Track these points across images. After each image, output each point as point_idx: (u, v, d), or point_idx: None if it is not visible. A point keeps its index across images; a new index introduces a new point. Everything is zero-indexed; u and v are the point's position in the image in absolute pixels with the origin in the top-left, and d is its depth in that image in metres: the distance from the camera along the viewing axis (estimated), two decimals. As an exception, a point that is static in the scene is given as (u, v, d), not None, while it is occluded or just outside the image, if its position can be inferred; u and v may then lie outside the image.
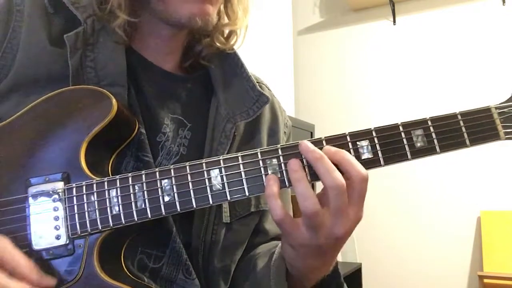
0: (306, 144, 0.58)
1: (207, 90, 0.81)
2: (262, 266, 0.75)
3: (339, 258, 2.93)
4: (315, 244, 0.58)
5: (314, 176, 0.58)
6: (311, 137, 0.74)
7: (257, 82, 0.81)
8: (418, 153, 0.59)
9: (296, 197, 0.57)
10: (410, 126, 0.60)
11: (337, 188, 0.55)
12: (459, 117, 0.60)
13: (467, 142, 0.59)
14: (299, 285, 0.69)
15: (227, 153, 0.73)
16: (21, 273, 0.56)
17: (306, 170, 0.58)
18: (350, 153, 0.59)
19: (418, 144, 0.59)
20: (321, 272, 0.67)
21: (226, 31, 0.82)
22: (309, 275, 0.67)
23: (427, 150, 0.59)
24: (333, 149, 0.58)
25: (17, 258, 0.57)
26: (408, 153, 0.59)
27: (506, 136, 0.59)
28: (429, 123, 0.59)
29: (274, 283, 0.69)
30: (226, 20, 0.81)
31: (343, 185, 0.55)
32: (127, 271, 0.65)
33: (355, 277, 2.70)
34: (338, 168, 0.57)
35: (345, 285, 0.76)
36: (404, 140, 0.59)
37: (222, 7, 0.79)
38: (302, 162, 0.59)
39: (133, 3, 0.72)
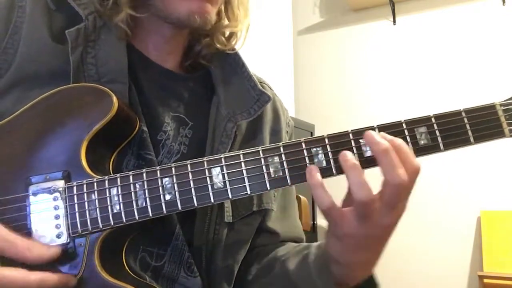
0: (372, 135, 0.56)
1: (208, 89, 0.81)
2: (295, 268, 0.74)
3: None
4: (362, 233, 0.57)
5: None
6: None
7: (259, 82, 0.81)
8: (421, 150, 0.58)
9: (349, 186, 0.55)
10: (413, 123, 0.59)
11: (397, 185, 0.54)
12: (463, 114, 0.59)
13: (471, 139, 0.59)
14: (342, 284, 0.67)
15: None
16: (22, 255, 0.56)
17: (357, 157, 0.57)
18: (353, 151, 0.58)
19: (422, 142, 0.59)
20: (365, 269, 0.66)
21: (227, 33, 0.82)
22: (353, 271, 0.65)
23: (431, 148, 0.59)
24: (389, 137, 0.57)
25: (12, 240, 0.56)
26: (412, 151, 0.59)
27: (511, 133, 0.58)
28: (433, 120, 0.59)
29: (319, 281, 0.68)
30: (226, 21, 0.81)
31: (404, 182, 0.54)
32: (128, 270, 0.65)
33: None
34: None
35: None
36: (408, 138, 0.59)
37: (222, 8, 0.79)
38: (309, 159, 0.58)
39: (131, 4, 0.72)
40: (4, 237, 0.56)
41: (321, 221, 2.69)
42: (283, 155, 0.59)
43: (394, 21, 3.14)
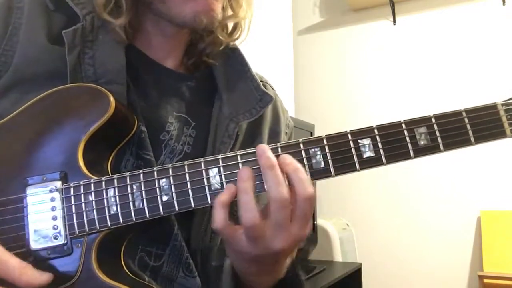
0: (263, 149, 0.58)
1: (211, 89, 0.80)
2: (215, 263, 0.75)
3: (339, 258, 2.92)
4: (253, 253, 0.58)
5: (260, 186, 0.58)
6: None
7: (261, 82, 0.81)
8: (421, 151, 0.58)
9: (238, 207, 0.57)
10: (413, 123, 0.59)
11: (280, 202, 0.55)
12: (464, 114, 0.59)
13: (472, 139, 0.58)
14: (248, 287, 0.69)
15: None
16: (12, 277, 0.55)
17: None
18: (352, 151, 0.58)
19: (421, 142, 0.58)
20: (269, 277, 0.67)
21: (231, 24, 0.81)
22: (254, 278, 0.67)
23: (431, 148, 0.58)
24: (289, 159, 0.58)
25: (5, 260, 0.56)
26: (411, 152, 0.58)
27: (513, 134, 0.58)
28: (433, 120, 0.58)
29: (225, 282, 0.69)
30: (229, 12, 0.79)
31: (286, 200, 0.55)
32: (126, 271, 0.64)
33: (355, 277, 2.69)
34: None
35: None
36: (407, 138, 0.58)
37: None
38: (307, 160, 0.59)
39: (135, 6, 0.71)
40: None
41: (321, 221, 2.69)
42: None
43: (394, 21, 3.14)
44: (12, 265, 0.56)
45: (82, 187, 0.60)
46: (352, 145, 0.58)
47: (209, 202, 0.59)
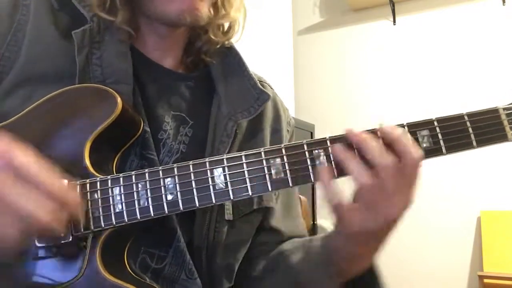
0: (350, 130, 0.59)
1: (209, 88, 0.81)
2: (298, 261, 0.76)
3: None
4: (371, 228, 0.59)
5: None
6: (311, 137, 0.74)
7: (259, 81, 0.81)
8: (424, 154, 0.59)
9: (352, 178, 0.58)
10: (416, 126, 0.59)
11: (389, 167, 0.56)
12: (466, 117, 0.59)
13: (474, 143, 0.59)
14: (345, 275, 0.69)
15: (228, 152, 0.73)
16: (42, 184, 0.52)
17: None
18: (354, 153, 0.59)
19: (424, 145, 0.59)
20: (367, 259, 0.68)
21: (226, 25, 0.82)
22: (353, 263, 0.67)
23: (433, 151, 0.59)
24: (389, 127, 0.59)
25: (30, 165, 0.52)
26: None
27: (514, 137, 0.58)
28: (435, 123, 0.59)
29: (321, 275, 0.70)
30: (223, 11, 0.80)
31: (394, 164, 0.56)
32: (129, 270, 0.65)
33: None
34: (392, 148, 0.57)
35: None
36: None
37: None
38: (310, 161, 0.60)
39: (129, 5, 0.72)
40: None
41: (321, 221, 2.70)
42: (284, 157, 0.60)
43: (394, 21, 3.15)
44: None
45: (88, 185, 0.61)
46: (354, 146, 0.59)
47: (213, 201, 0.60)
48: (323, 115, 3.21)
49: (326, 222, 2.73)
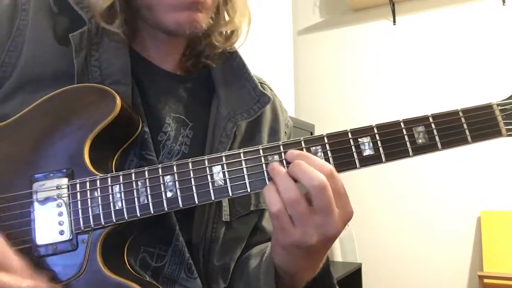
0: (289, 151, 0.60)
1: (209, 89, 0.81)
2: (254, 267, 0.75)
3: (339, 258, 2.93)
4: (307, 243, 0.58)
5: None
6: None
7: (259, 83, 0.81)
8: (419, 149, 0.59)
9: (279, 191, 0.58)
10: (411, 122, 0.60)
11: (318, 186, 0.56)
12: (461, 114, 0.60)
13: (469, 138, 0.59)
14: (289, 286, 0.69)
15: None
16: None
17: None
18: (351, 149, 0.59)
19: (420, 141, 0.60)
20: (311, 272, 0.68)
21: (227, 31, 0.82)
22: (299, 275, 0.67)
23: (429, 147, 0.60)
24: (296, 152, 0.59)
25: (9, 256, 0.55)
26: (410, 150, 0.59)
27: (508, 133, 0.59)
28: (431, 119, 0.60)
29: (263, 283, 0.70)
30: (226, 16, 0.80)
31: (323, 182, 0.56)
32: (129, 268, 0.65)
33: (355, 277, 2.71)
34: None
35: (337, 287, 0.76)
36: (406, 137, 0.59)
37: (221, 5, 0.79)
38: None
39: (128, 11, 0.72)
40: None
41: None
42: (282, 154, 0.60)
43: (394, 21, 3.15)
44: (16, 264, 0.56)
45: (88, 183, 0.61)
46: (352, 143, 0.60)
47: (213, 198, 0.60)
48: (323, 115, 3.22)
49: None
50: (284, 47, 3.21)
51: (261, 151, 0.61)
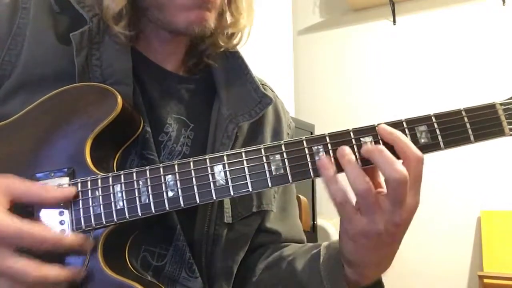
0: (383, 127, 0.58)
1: (210, 91, 0.81)
2: (302, 269, 0.73)
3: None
4: (374, 231, 0.57)
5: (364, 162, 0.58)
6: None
7: (261, 84, 0.81)
8: (422, 149, 0.59)
9: (348, 181, 0.56)
10: (413, 122, 0.60)
11: (399, 179, 0.54)
12: (464, 113, 0.60)
13: (472, 138, 0.59)
14: (354, 284, 0.67)
15: None
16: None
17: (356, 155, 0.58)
18: (353, 149, 0.59)
19: (422, 140, 0.59)
20: (380, 269, 0.66)
21: (230, 31, 0.82)
22: (367, 270, 0.65)
23: (431, 146, 0.59)
24: (388, 129, 0.58)
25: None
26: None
27: (511, 132, 0.59)
28: (433, 119, 0.59)
29: (329, 284, 0.68)
30: (229, 17, 0.80)
31: (405, 176, 0.54)
32: (131, 267, 0.65)
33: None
34: (392, 149, 0.57)
35: None
36: (408, 136, 0.59)
37: (226, 6, 0.79)
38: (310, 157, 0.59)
39: (133, 12, 0.72)
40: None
41: (321, 221, 2.70)
42: (284, 153, 0.60)
43: (394, 21, 3.15)
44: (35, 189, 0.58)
45: (89, 182, 0.61)
46: (354, 142, 0.59)
47: (214, 197, 0.60)
48: (323, 115, 3.22)
49: (326, 222, 2.73)
50: (284, 47, 3.21)
51: (262, 150, 0.60)
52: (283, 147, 0.60)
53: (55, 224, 0.60)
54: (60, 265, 0.59)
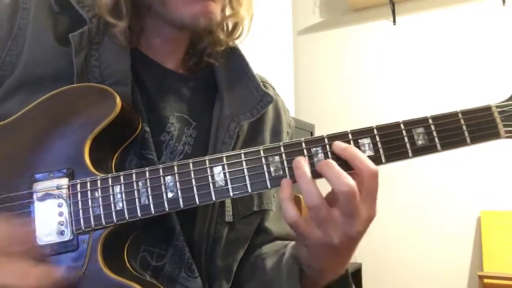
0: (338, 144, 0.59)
1: (212, 89, 0.81)
2: (271, 267, 0.75)
3: (339, 257, 2.93)
4: (328, 243, 0.58)
5: (316, 173, 0.59)
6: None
7: (262, 82, 0.81)
8: (419, 150, 0.59)
9: (302, 193, 0.57)
10: (411, 124, 0.60)
11: (347, 192, 0.55)
12: (460, 115, 0.60)
13: (468, 140, 0.60)
14: (312, 285, 0.69)
15: None
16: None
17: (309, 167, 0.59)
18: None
19: (419, 142, 0.60)
20: (337, 270, 0.68)
21: (230, 24, 0.82)
22: (324, 274, 0.67)
23: (428, 148, 0.60)
24: (343, 145, 0.59)
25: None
26: (409, 151, 0.60)
27: (507, 135, 0.59)
28: (430, 121, 0.60)
29: (286, 284, 0.70)
30: (230, 10, 0.79)
31: (353, 189, 0.55)
32: (130, 268, 0.65)
33: (355, 277, 2.71)
34: (347, 165, 0.57)
35: (353, 285, 0.76)
36: (405, 138, 0.60)
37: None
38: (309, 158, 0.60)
39: (136, 8, 0.72)
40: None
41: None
42: (283, 155, 0.60)
43: (394, 21, 3.15)
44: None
45: (88, 183, 0.61)
46: (352, 144, 0.60)
47: (214, 199, 0.60)
48: (323, 115, 3.22)
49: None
50: (284, 47, 3.21)
51: (261, 152, 0.61)
52: (282, 148, 0.61)
53: (54, 225, 0.61)
54: (59, 266, 0.59)
